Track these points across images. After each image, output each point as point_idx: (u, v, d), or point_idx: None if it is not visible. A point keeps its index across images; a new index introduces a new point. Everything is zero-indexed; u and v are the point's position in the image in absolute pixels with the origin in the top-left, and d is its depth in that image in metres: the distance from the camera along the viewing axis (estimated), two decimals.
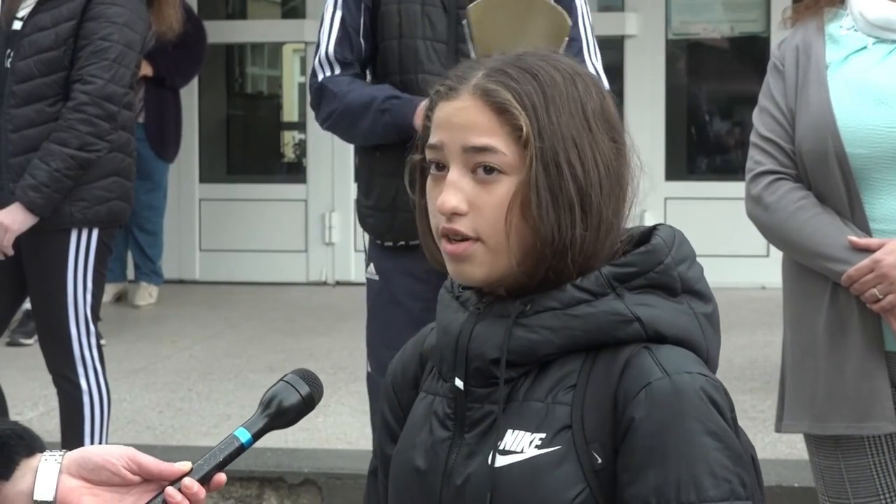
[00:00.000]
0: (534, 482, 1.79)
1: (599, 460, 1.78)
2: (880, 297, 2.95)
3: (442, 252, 1.88)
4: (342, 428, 5.55)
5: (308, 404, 1.88)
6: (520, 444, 1.82)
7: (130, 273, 8.88)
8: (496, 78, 1.84)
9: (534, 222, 1.81)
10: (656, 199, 8.99)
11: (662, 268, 1.84)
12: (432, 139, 1.87)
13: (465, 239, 1.83)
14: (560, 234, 1.81)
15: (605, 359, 1.82)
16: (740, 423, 1.87)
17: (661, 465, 1.74)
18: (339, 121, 3.67)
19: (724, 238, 8.90)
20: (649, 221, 7.72)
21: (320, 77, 3.68)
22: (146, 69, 8.16)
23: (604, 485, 1.78)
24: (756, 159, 3.15)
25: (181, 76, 8.58)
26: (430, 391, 1.96)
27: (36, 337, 4.84)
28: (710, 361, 1.86)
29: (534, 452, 1.80)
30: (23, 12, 4.42)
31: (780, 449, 5.08)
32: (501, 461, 1.82)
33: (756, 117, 3.19)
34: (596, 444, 1.79)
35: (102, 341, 4.65)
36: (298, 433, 5.45)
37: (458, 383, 1.88)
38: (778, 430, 3.22)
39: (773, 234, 3.14)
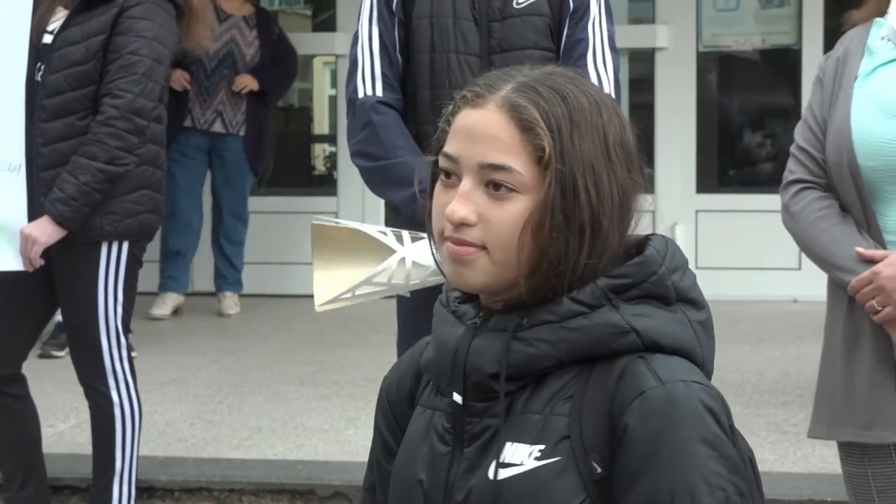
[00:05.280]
0: (536, 494, 1.79)
1: (599, 470, 1.79)
2: (879, 308, 2.98)
3: (440, 253, 1.88)
4: None
5: None
6: (519, 457, 1.82)
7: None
8: (526, 94, 1.83)
9: (542, 243, 1.81)
10: (687, 212, 8.98)
11: (657, 278, 1.84)
12: (449, 148, 1.86)
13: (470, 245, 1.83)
14: (566, 257, 1.81)
15: (602, 369, 1.82)
16: (773, 436, 1.88)
17: (656, 473, 1.74)
18: (371, 172, 3.63)
19: (756, 251, 8.87)
20: (681, 234, 7.77)
21: (361, 94, 3.65)
22: (253, 83, 8.49)
23: (604, 494, 1.79)
24: (789, 168, 3.21)
25: (278, 91, 8.92)
26: (429, 405, 1.96)
27: (67, 349, 4.86)
28: (705, 369, 1.87)
29: (534, 464, 1.81)
30: (53, 26, 4.44)
31: (812, 462, 5.05)
32: (502, 474, 1.82)
33: (797, 129, 3.23)
34: (595, 454, 1.79)
35: (133, 353, 4.66)
36: (329, 446, 5.46)
37: (457, 398, 1.88)
38: (808, 435, 3.26)
39: (798, 241, 3.20)
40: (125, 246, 4.42)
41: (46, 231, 4.28)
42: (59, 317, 5.89)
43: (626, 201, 1.86)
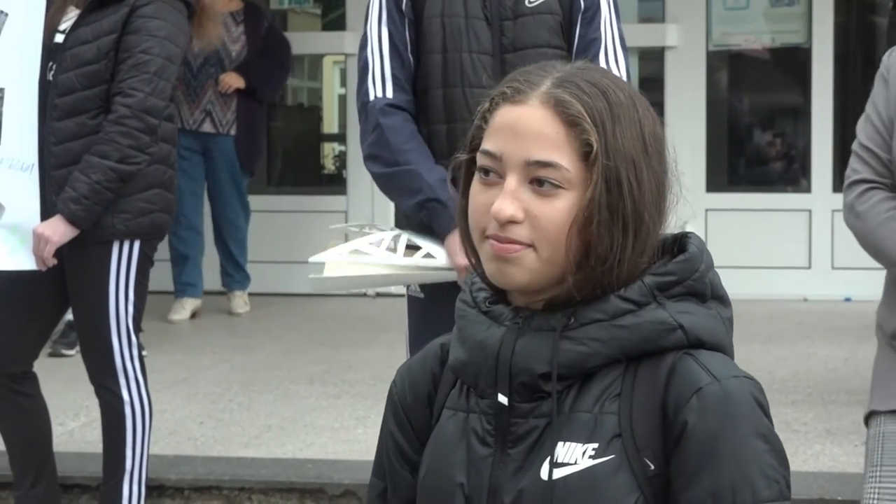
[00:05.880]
0: (593, 493, 1.80)
1: (652, 467, 1.80)
2: None
3: (481, 251, 1.87)
4: None
5: None
6: (573, 456, 1.82)
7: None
8: (569, 89, 1.82)
9: (589, 239, 1.81)
10: (697, 211, 8.96)
11: (698, 275, 1.86)
12: (489, 146, 1.85)
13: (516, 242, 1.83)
14: (612, 252, 1.81)
15: (649, 366, 1.83)
16: (783, 435, 1.89)
17: (716, 468, 1.76)
18: (381, 178, 3.63)
19: (766, 250, 8.87)
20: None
21: (371, 96, 3.64)
22: (238, 81, 8.35)
23: (657, 491, 1.80)
24: (853, 167, 3.15)
25: (270, 87, 8.69)
26: (460, 408, 1.94)
27: (78, 348, 4.87)
28: None
29: (589, 463, 1.81)
30: (64, 25, 4.45)
31: (822, 462, 5.05)
32: (556, 474, 1.82)
33: (859, 125, 3.17)
34: (647, 451, 1.80)
35: (144, 352, 4.67)
36: (339, 444, 5.46)
37: (502, 399, 1.87)
38: (866, 413, 3.19)
39: (864, 241, 3.14)
40: (137, 245, 4.43)
41: (59, 230, 4.29)
42: (69, 315, 5.89)
43: (663, 194, 1.87)
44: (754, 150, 9.70)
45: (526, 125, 1.81)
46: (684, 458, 1.77)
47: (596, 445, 1.81)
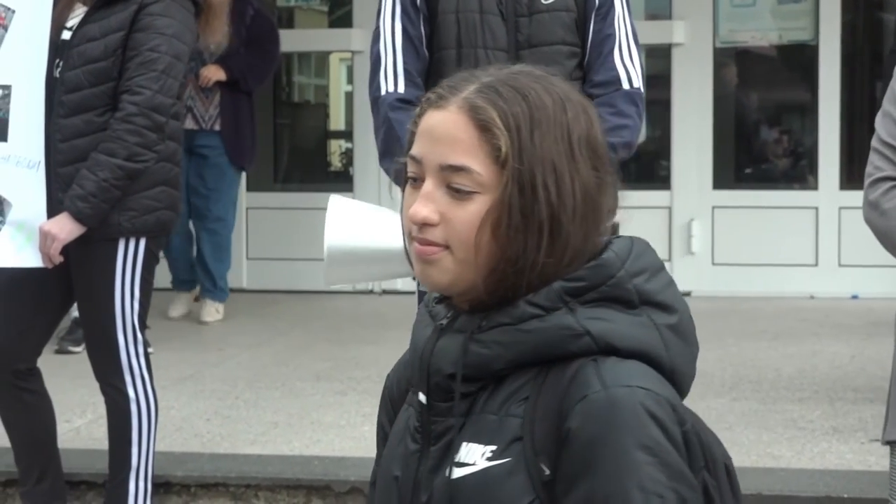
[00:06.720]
0: (486, 494, 1.81)
1: (547, 472, 1.79)
2: None
3: (411, 254, 1.90)
4: None
5: None
6: (473, 457, 1.84)
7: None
8: (486, 95, 1.85)
9: (502, 242, 1.83)
10: (704, 208, 8.96)
11: (615, 281, 1.84)
12: (414, 150, 1.89)
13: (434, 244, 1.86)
14: (524, 255, 1.82)
15: (557, 372, 1.82)
16: (789, 433, 1.87)
17: (592, 477, 1.75)
18: (396, 174, 3.62)
19: (773, 247, 8.86)
20: (697, 230, 7.73)
21: (383, 91, 3.64)
22: (219, 74, 7.94)
23: (552, 496, 1.79)
24: (876, 164, 3.09)
25: (255, 78, 8.16)
26: (410, 403, 2.00)
27: (84, 345, 4.87)
28: (675, 373, 1.86)
29: (485, 464, 1.83)
30: (72, 22, 4.45)
31: (829, 459, 5.04)
32: (457, 473, 1.84)
33: (879, 122, 3.11)
34: (543, 456, 1.80)
35: (150, 349, 4.67)
36: (346, 441, 5.46)
37: (421, 397, 1.92)
38: (884, 441, 3.15)
39: (888, 239, 3.08)
40: (142, 242, 4.43)
41: (66, 228, 4.29)
42: (75, 312, 5.90)
43: (591, 200, 1.86)
44: (761, 148, 9.69)
45: (442, 130, 1.85)
46: (566, 465, 1.77)
47: (495, 448, 1.82)
